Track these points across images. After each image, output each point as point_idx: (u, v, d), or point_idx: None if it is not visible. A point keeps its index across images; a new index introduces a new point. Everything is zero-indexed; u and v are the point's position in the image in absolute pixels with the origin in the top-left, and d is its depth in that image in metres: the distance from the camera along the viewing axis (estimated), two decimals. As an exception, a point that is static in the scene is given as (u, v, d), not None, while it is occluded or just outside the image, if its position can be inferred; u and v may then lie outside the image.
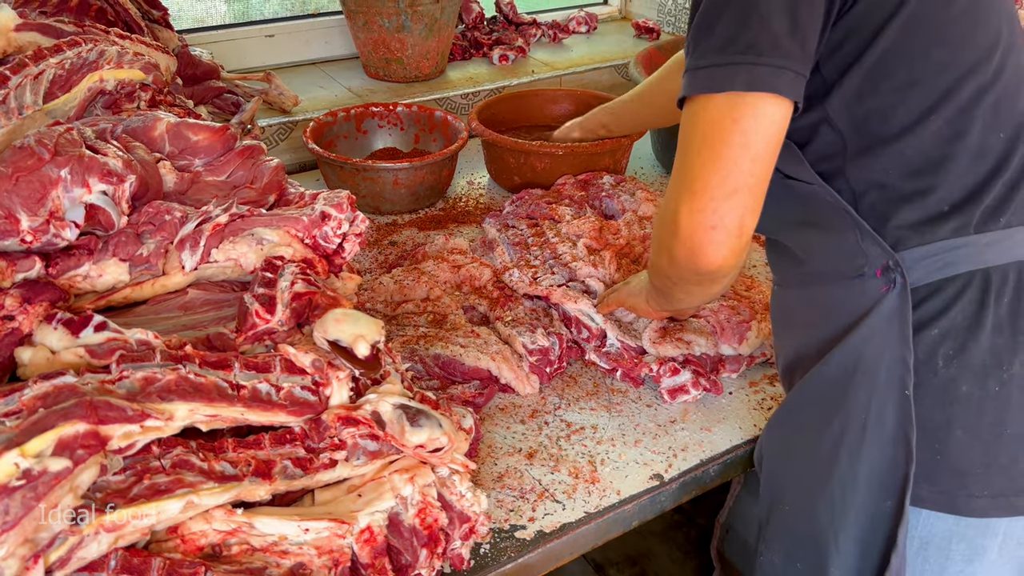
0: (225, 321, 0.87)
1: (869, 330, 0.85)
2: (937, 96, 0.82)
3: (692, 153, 0.79)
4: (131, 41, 1.29)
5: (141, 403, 0.71)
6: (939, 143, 0.82)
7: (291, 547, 0.74)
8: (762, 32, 0.75)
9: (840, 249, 0.87)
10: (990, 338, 0.82)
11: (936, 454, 0.84)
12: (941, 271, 0.83)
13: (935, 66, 0.81)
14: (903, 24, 0.79)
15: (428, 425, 0.81)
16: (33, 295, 0.83)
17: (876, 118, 0.83)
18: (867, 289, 0.86)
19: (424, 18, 1.92)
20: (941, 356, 0.83)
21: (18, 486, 0.63)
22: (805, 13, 0.76)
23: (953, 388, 0.83)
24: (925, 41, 0.80)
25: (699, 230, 0.80)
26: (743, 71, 0.75)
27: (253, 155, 1.03)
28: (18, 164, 0.85)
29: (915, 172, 0.83)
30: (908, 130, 0.82)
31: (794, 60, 0.76)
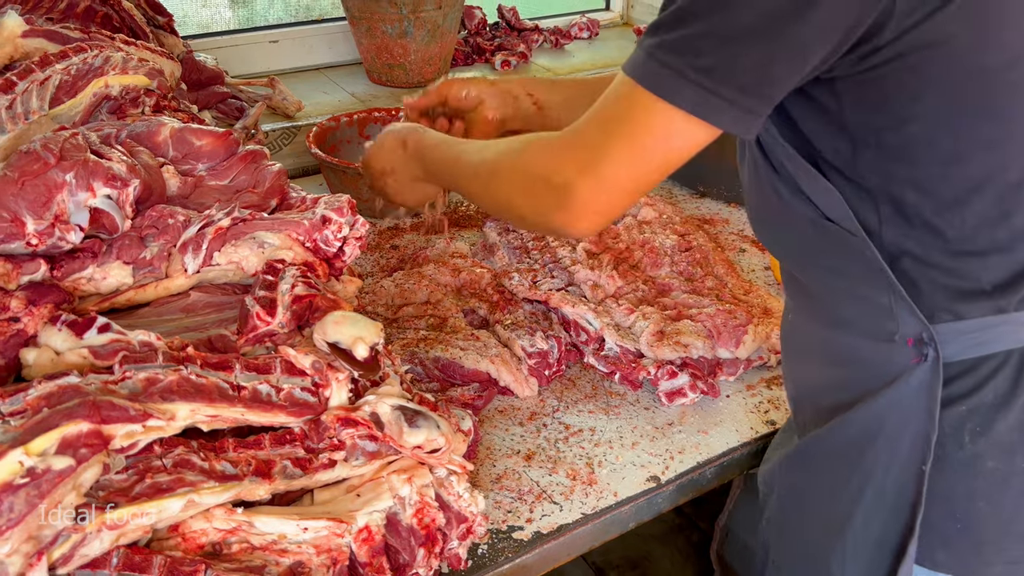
0: (226, 323, 0.89)
1: (895, 399, 0.81)
2: (984, 174, 0.75)
3: (613, 136, 0.76)
4: (136, 47, 1.31)
5: (143, 403, 0.72)
6: (983, 225, 0.76)
7: (290, 546, 0.75)
8: (726, 61, 0.70)
9: (871, 309, 0.82)
10: (1021, 414, 0.79)
11: (957, 523, 0.82)
12: (977, 348, 0.79)
13: (983, 141, 0.74)
14: (945, 95, 0.72)
15: (426, 426, 0.82)
16: (38, 297, 0.84)
17: (913, 191, 0.76)
18: (896, 356, 0.81)
19: (427, 24, 1.93)
20: (968, 431, 0.80)
21: (22, 484, 0.64)
22: (783, 56, 0.70)
23: (979, 463, 0.80)
24: (973, 114, 0.73)
25: (588, 212, 0.79)
26: (691, 91, 0.71)
27: (255, 160, 1.05)
28: (24, 168, 0.87)
29: (955, 253, 0.78)
30: (948, 209, 0.76)
31: (750, 99, 0.71)
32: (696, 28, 0.71)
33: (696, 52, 0.71)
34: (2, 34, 1.24)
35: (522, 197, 0.86)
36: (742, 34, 0.69)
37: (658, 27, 0.74)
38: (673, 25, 0.72)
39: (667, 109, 0.72)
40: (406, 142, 1.08)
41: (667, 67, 0.72)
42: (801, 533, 0.94)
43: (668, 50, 0.72)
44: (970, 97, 0.72)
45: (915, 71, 0.71)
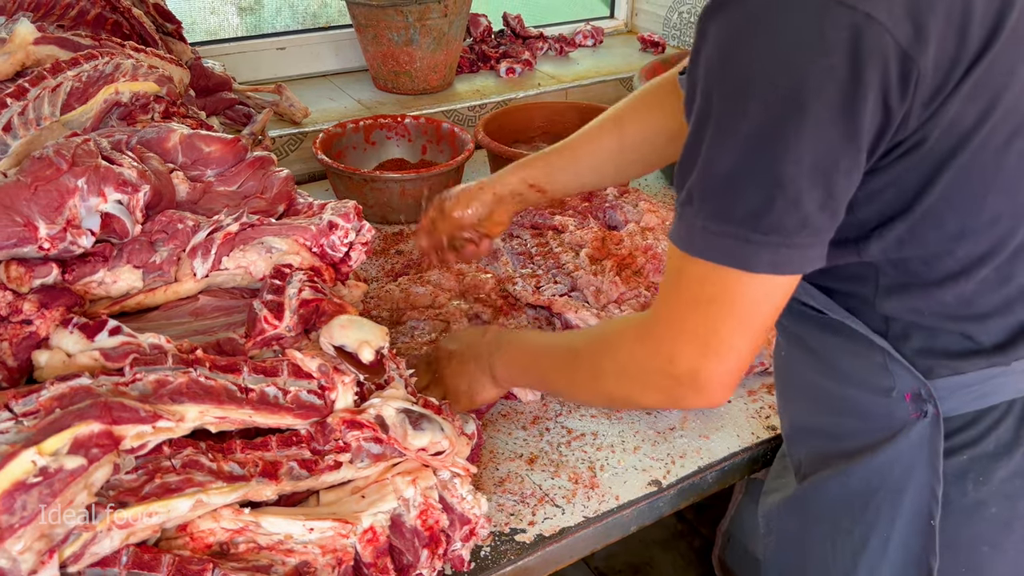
0: (235, 327, 0.90)
1: (896, 454, 0.81)
2: (988, 246, 0.74)
3: (717, 318, 0.73)
4: (146, 54, 1.32)
5: (153, 405, 0.74)
6: (984, 290, 0.76)
7: (296, 546, 0.76)
8: (790, 213, 0.66)
9: (867, 365, 0.82)
10: (1021, 461, 0.79)
11: (961, 567, 0.82)
12: (976, 401, 0.79)
13: (988, 216, 0.73)
14: (954, 177, 0.70)
15: (430, 429, 0.84)
16: (50, 300, 0.86)
17: (917, 264, 0.76)
18: (895, 411, 0.81)
19: (432, 32, 1.95)
20: (971, 480, 0.80)
21: (35, 483, 0.66)
22: (841, 181, 0.67)
23: (982, 510, 0.80)
24: (980, 190, 0.72)
25: (724, 387, 0.78)
26: (767, 253, 0.68)
27: (263, 166, 1.06)
28: (37, 174, 0.88)
29: (954, 317, 0.78)
30: (952, 279, 0.76)
31: (823, 232, 0.69)
32: (746, 187, 0.67)
33: (754, 213, 0.67)
34: (14, 41, 1.25)
35: (643, 391, 0.85)
36: (798, 180, 0.65)
37: (703, 195, 0.70)
38: (716, 190, 0.69)
39: (753, 277, 0.70)
40: (487, 331, 1.06)
41: (730, 237, 0.68)
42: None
43: (722, 219, 0.69)
44: (976, 173, 0.71)
45: (929, 156, 0.69)
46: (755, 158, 0.66)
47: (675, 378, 0.78)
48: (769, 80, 0.64)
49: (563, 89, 2.18)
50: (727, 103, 0.67)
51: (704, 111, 0.68)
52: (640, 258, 1.38)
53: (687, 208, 0.71)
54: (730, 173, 0.67)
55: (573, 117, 1.86)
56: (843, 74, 0.62)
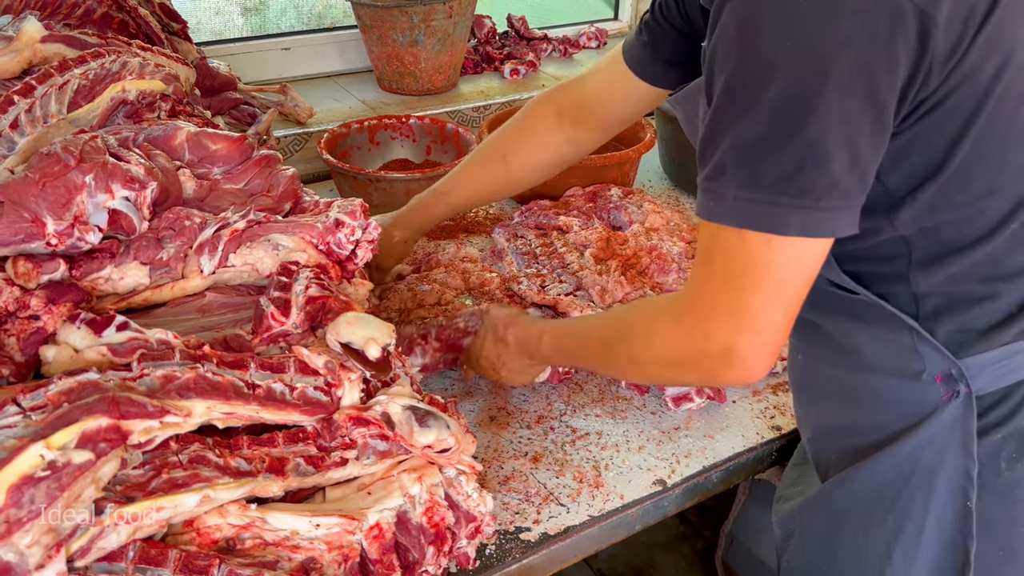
0: (241, 323, 0.90)
1: (928, 437, 0.81)
2: (1015, 201, 0.76)
3: (747, 290, 0.73)
4: (152, 53, 1.33)
5: (161, 400, 0.74)
6: (1012, 247, 0.77)
7: (302, 542, 0.77)
8: (818, 175, 0.68)
9: (895, 350, 0.82)
10: None
11: (999, 550, 0.82)
12: (1007, 376, 0.79)
13: (1013, 171, 0.74)
14: (979, 134, 0.71)
15: (436, 426, 0.84)
16: (57, 296, 0.86)
17: (949, 229, 0.77)
18: (925, 394, 0.81)
19: (437, 33, 1.95)
20: (1004, 459, 0.80)
21: (43, 477, 0.66)
22: (866, 143, 0.68)
23: (1017, 489, 0.81)
24: (1002, 148, 0.73)
25: (761, 361, 0.77)
26: (797, 215, 0.69)
27: (270, 164, 1.06)
28: (45, 170, 0.88)
29: (985, 278, 0.78)
30: (983, 239, 0.77)
31: (853, 195, 0.70)
32: (775, 153, 0.68)
33: (784, 177, 0.68)
34: (21, 39, 1.26)
35: (683, 372, 0.86)
36: (825, 144, 0.67)
37: (734, 164, 0.71)
38: (745, 159, 0.70)
39: (783, 242, 0.70)
40: (507, 339, 1.07)
41: (761, 203, 0.70)
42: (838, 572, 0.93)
43: (752, 186, 0.70)
44: (1000, 128, 0.72)
45: (953, 112, 0.70)
46: (783, 124, 0.67)
47: (712, 356, 0.78)
48: (791, 48, 0.66)
49: (567, 90, 2.18)
50: (752, 76, 0.68)
51: (729, 87, 0.70)
52: (645, 258, 1.39)
53: (715, 181, 0.72)
54: (759, 140, 0.69)
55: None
56: (862, 37, 0.64)
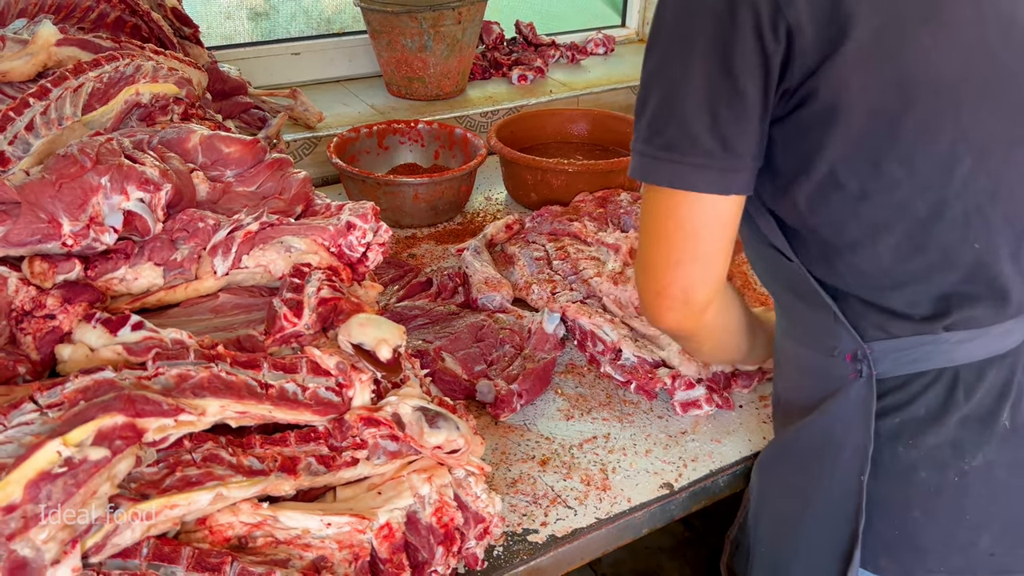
0: (254, 324, 0.91)
1: (836, 411, 0.87)
2: (890, 211, 0.79)
3: (642, 228, 0.84)
4: (165, 57, 1.34)
5: (176, 398, 0.75)
6: (897, 259, 0.81)
7: (314, 540, 0.77)
8: (680, 132, 0.76)
9: (816, 325, 0.88)
10: (953, 431, 0.83)
11: (895, 529, 0.87)
12: (909, 366, 0.84)
13: (887, 181, 0.77)
14: (847, 137, 0.76)
15: (446, 427, 0.84)
16: (73, 296, 0.87)
17: (828, 229, 0.82)
18: (836, 370, 0.87)
19: (446, 39, 1.97)
20: (901, 444, 0.85)
21: (60, 473, 0.67)
22: (725, 112, 0.75)
23: (912, 473, 0.85)
24: (874, 156, 0.77)
25: (649, 296, 0.85)
26: (665, 168, 0.78)
27: (282, 167, 1.08)
28: (62, 172, 0.90)
29: (874, 286, 0.83)
30: (861, 244, 0.81)
31: (715, 158, 0.76)
32: (651, 108, 0.78)
33: (657, 130, 0.78)
34: (37, 42, 1.27)
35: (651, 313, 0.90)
36: (678, 95, 0.76)
37: (635, 120, 0.81)
38: (638, 115, 0.81)
39: (658, 191, 0.80)
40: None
41: (643, 155, 0.80)
42: (765, 534, 0.99)
43: (641, 139, 0.80)
44: (871, 139, 0.76)
45: (822, 114, 0.75)
46: (658, 84, 0.78)
47: (654, 293, 0.85)
48: (672, 18, 0.77)
49: (575, 96, 2.19)
50: (650, 40, 0.79)
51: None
52: None
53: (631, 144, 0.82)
54: (644, 99, 0.79)
55: (584, 124, 1.88)
56: (721, 14, 0.73)
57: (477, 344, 1.20)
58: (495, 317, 1.26)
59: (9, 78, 1.26)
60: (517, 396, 1.11)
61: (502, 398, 1.09)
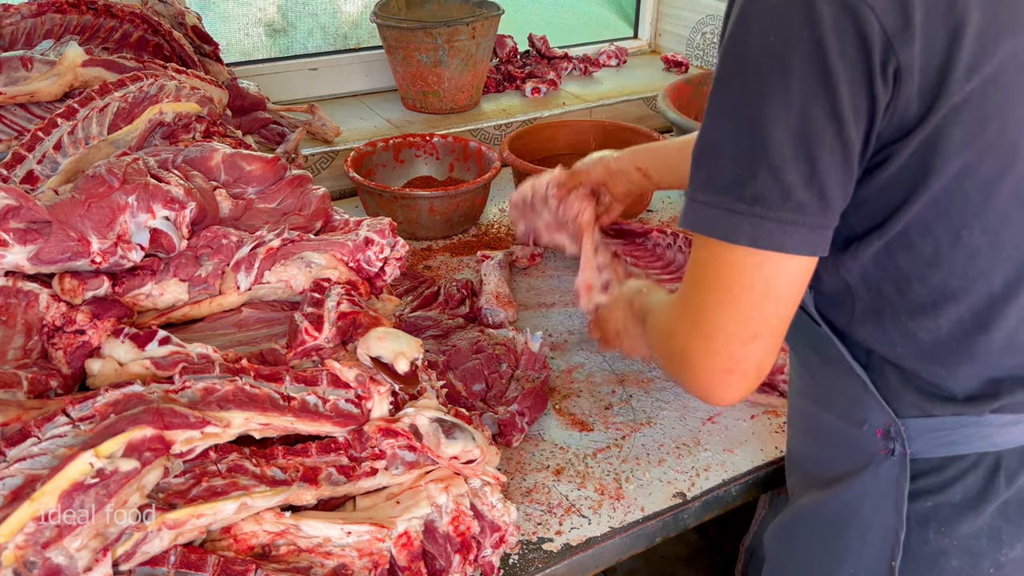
0: (276, 338, 0.94)
1: (864, 488, 0.81)
2: (963, 281, 0.72)
3: (705, 290, 0.72)
4: (187, 75, 1.38)
5: (202, 411, 0.77)
6: (958, 334, 0.74)
7: (335, 549, 0.80)
8: (771, 183, 0.65)
9: (843, 395, 0.82)
10: (992, 519, 0.77)
11: None
12: (945, 448, 0.77)
13: (964, 250, 0.70)
14: (933, 197, 0.68)
15: (462, 438, 0.87)
16: (102, 311, 0.90)
17: (891, 288, 0.74)
18: (866, 445, 0.81)
19: (460, 53, 1.99)
20: (932, 529, 0.78)
21: (92, 483, 0.69)
22: (826, 158, 0.65)
23: (943, 561, 0.79)
24: (958, 220, 0.69)
25: (714, 373, 0.73)
26: (748, 224, 0.67)
27: (302, 184, 1.10)
28: (91, 191, 0.93)
29: (926, 358, 0.76)
30: (922, 311, 0.74)
31: (809, 213, 0.66)
32: (727, 154, 0.67)
33: (737, 180, 0.67)
34: (64, 63, 1.31)
35: (665, 365, 0.82)
36: (777, 147, 0.65)
37: (696, 166, 0.71)
38: (705, 158, 0.69)
39: (735, 250, 0.68)
40: (632, 303, 1.02)
41: (717, 208, 0.68)
42: None
43: (711, 190, 0.68)
44: (957, 200, 0.69)
45: (913, 170, 0.68)
46: (741, 126, 0.66)
47: (672, 354, 0.77)
48: (760, 50, 0.65)
49: (588, 108, 2.21)
50: (725, 76, 0.68)
51: (712, 85, 0.69)
52: None
53: (689, 195, 0.71)
54: (717, 142, 0.68)
55: (597, 135, 1.89)
56: (827, 48, 0.62)
57: (476, 356, 1.22)
58: (487, 332, 1.28)
59: (37, 98, 1.30)
60: (520, 416, 1.12)
61: (506, 423, 1.11)
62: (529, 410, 1.15)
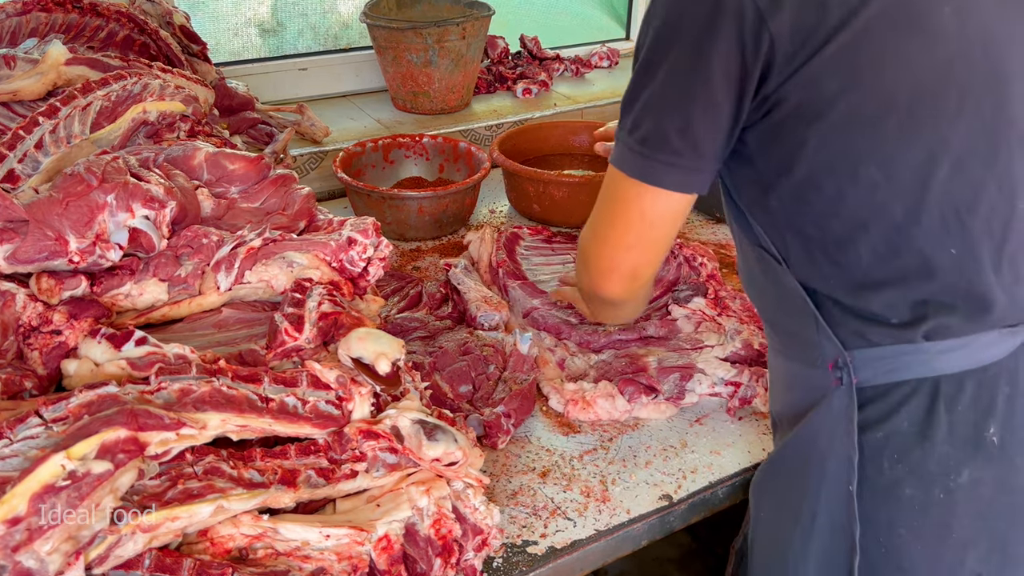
0: (256, 338, 0.93)
1: (819, 422, 0.88)
2: (868, 213, 0.81)
3: (605, 208, 0.92)
4: (172, 75, 1.36)
5: (177, 412, 0.76)
6: (876, 261, 0.83)
7: (313, 552, 0.78)
8: (655, 129, 0.82)
9: (798, 336, 0.91)
10: (938, 447, 0.83)
11: (881, 547, 0.86)
12: (888, 375, 0.84)
13: (865, 184, 0.80)
14: (826, 139, 0.79)
15: (444, 440, 0.86)
16: (79, 311, 0.89)
17: (811, 227, 0.85)
18: (820, 380, 0.89)
19: (451, 53, 1.99)
20: (886, 459, 0.85)
21: (64, 486, 0.68)
22: (699, 115, 0.80)
23: (897, 490, 0.84)
24: (852, 159, 0.79)
25: (601, 271, 0.94)
26: (638, 161, 0.84)
27: (285, 183, 1.09)
28: (69, 190, 0.92)
29: (856, 286, 0.84)
30: (841, 244, 0.83)
31: (684, 158, 0.82)
32: (635, 106, 0.84)
33: (636, 125, 0.84)
34: (47, 62, 1.30)
35: (576, 274, 1.02)
36: (659, 100, 0.82)
37: (621, 114, 0.88)
38: (625, 107, 0.87)
39: (623, 178, 0.86)
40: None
41: (623, 144, 0.86)
42: (760, 558, 0.99)
43: (624, 128, 0.86)
44: (848, 142, 0.79)
45: (798, 117, 0.79)
46: (640, 84, 0.83)
47: (581, 257, 0.97)
48: (661, 22, 0.81)
49: (579, 109, 2.20)
50: (641, 42, 0.85)
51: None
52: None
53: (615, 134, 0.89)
54: (629, 96, 0.85)
55: (588, 137, 1.89)
56: (704, 21, 0.77)
57: (463, 358, 1.21)
58: (476, 334, 1.27)
59: (19, 97, 1.29)
60: (506, 417, 1.11)
61: (491, 424, 1.10)
62: (516, 412, 1.14)
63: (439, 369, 1.18)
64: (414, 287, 1.42)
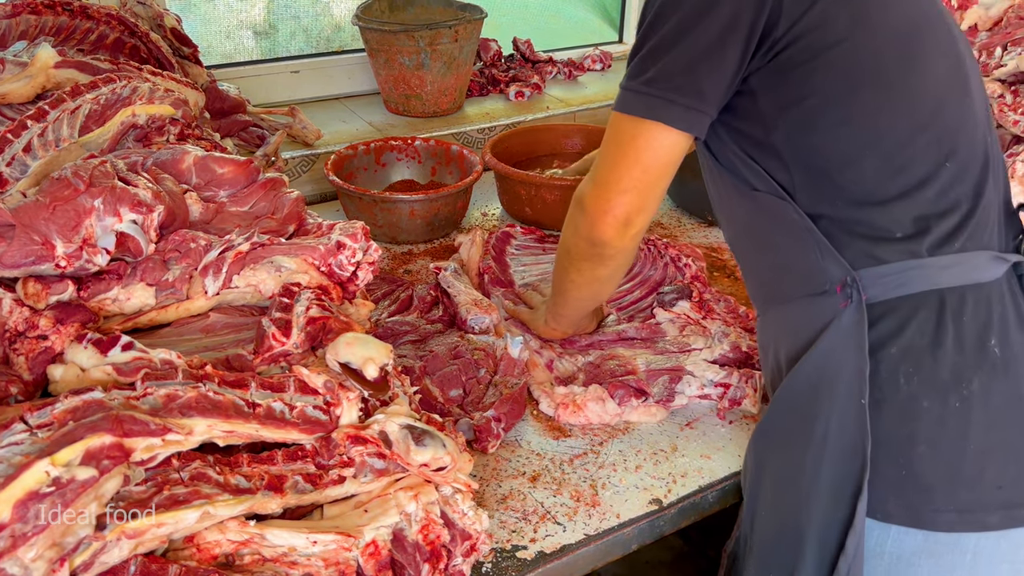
0: (244, 343, 0.92)
1: (829, 344, 0.90)
2: (872, 134, 0.89)
3: (605, 153, 0.97)
4: (162, 78, 1.36)
5: (163, 418, 0.76)
6: (880, 178, 0.89)
7: (300, 558, 0.78)
8: (660, 69, 0.89)
9: (803, 268, 0.94)
10: (949, 356, 0.87)
11: (901, 468, 0.87)
12: (896, 290, 0.89)
13: (865, 107, 0.88)
14: (829, 69, 0.87)
15: (432, 445, 0.85)
16: (65, 316, 0.88)
17: (816, 154, 0.91)
18: (828, 305, 0.91)
19: (443, 56, 1.98)
20: (902, 374, 0.88)
21: (48, 492, 0.68)
22: (704, 58, 0.87)
23: (915, 404, 0.87)
24: (853, 85, 0.88)
25: (597, 211, 0.98)
26: (640, 100, 0.91)
27: (275, 187, 1.09)
28: (55, 194, 0.91)
29: (859, 204, 0.90)
30: (846, 166, 0.89)
31: (687, 96, 0.89)
32: (642, 53, 0.92)
33: (642, 70, 0.91)
34: (36, 65, 1.29)
35: (565, 228, 1.07)
36: (667, 45, 0.89)
37: (626, 67, 0.94)
38: (630, 58, 0.94)
39: (628, 119, 0.92)
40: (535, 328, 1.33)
41: (626, 89, 0.93)
42: (768, 502, 0.98)
43: (627, 76, 0.93)
44: (852, 71, 0.88)
45: (806, 53, 0.87)
46: (646, 36, 0.91)
47: (577, 203, 1.02)
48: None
49: (571, 112, 2.21)
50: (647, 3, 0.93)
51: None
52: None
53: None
54: (639, 47, 0.92)
55: (580, 139, 1.89)
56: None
57: (454, 362, 1.20)
58: (467, 338, 1.26)
59: (8, 100, 1.28)
60: (496, 421, 1.11)
61: (481, 428, 1.10)
62: (506, 416, 1.13)
63: (430, 373, 1.18)
64: (405, 291, 1.42)
